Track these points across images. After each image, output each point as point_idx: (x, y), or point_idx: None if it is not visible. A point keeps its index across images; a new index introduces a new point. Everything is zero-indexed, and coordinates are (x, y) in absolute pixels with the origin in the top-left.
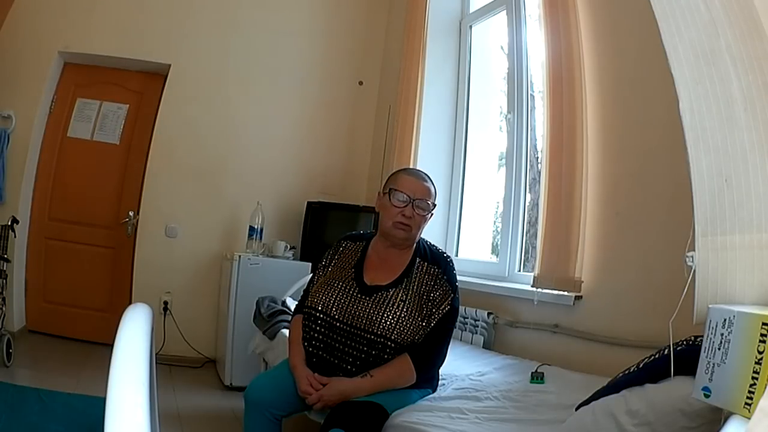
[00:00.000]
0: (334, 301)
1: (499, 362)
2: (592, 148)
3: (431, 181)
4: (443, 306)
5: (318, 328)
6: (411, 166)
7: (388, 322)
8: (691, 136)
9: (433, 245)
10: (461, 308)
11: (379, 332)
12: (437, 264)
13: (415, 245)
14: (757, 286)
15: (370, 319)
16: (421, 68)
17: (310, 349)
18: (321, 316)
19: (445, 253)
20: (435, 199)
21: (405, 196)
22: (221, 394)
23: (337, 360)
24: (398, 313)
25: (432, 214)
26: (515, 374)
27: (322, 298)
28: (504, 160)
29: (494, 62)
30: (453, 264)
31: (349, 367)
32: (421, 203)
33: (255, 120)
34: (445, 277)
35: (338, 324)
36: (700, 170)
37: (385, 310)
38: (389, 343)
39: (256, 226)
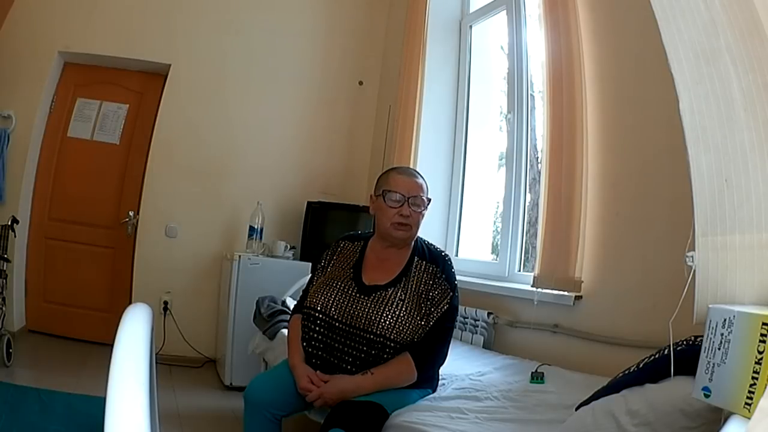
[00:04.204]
0: (333, 301)
1: (499, 362)
2: (592, 148)
3: (422, 176)
4: (442, 305)
5: (317, 328)
6: (401, 165)
7: (387, 322)
8: (691, 136)
9: (431, 244)
10: (461, 308)
11: (378, 332)
12: (435, 263)
13: (413, 244)
14: (757, 286)
15: (369, 319)
16: (421, 68)
17: (310, 349)
18: (320, 316)
19: (443, 252)
20: (428, 194)
21: (399, 195)
22: (221, 394)
23: (336, 360)
24: (397, 313)
25: (426, 209)
26: (515, 374)
27: (321, 298)
28: (504, 160)
29: (494, 62)
30: (451, 262)
31: (348, 367)
32: (416, 200)
33: (255, 120)
34: (443, 276)
35: (337, 324)
36: (700, 170)
37: (384, 310)
38: (388, 342)
39: (256, 226)
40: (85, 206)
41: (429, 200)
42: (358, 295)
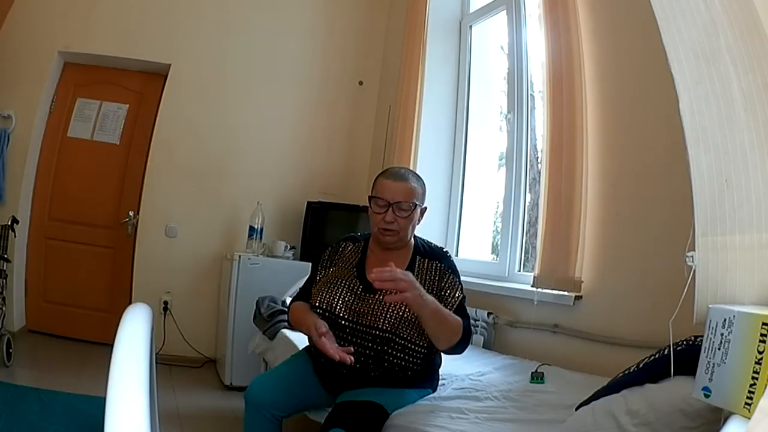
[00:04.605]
0: (338, 299)
1: (499, 362)
2: (592, 148)
3: (414, 178)
4: (456, 293)
5: None
6: (396, 166)
7: (392, 318)
8: (691, 136)
9: (430, 242)
10: None
11: (384, 327)
12: (437, 259)
13: (413, 244)
14: (757, 286)
15: (375, 315)
16: (421, 68)
17: (315, 348)
18: (326, 314)
19: (444, 248)
20: (419, 197)
21: (383, 201)
22: (221, 394)
23: None
24: (403, 307)
25: (422, 209)
26: (515, 374)
27: (325, 296)
28: (504, 160)
29: (494, 62)
30: (452, 258)
31: (355, 364)
32: (400, 205)
33: (255, 120)
34: (450, 270)
35: (343, 321)
36: (700, 170)
37: (389, 306)
38: (395, 338)
39: (256, 226)
40: (85, 206)
41: (415, 205)
42: (363, 293)
